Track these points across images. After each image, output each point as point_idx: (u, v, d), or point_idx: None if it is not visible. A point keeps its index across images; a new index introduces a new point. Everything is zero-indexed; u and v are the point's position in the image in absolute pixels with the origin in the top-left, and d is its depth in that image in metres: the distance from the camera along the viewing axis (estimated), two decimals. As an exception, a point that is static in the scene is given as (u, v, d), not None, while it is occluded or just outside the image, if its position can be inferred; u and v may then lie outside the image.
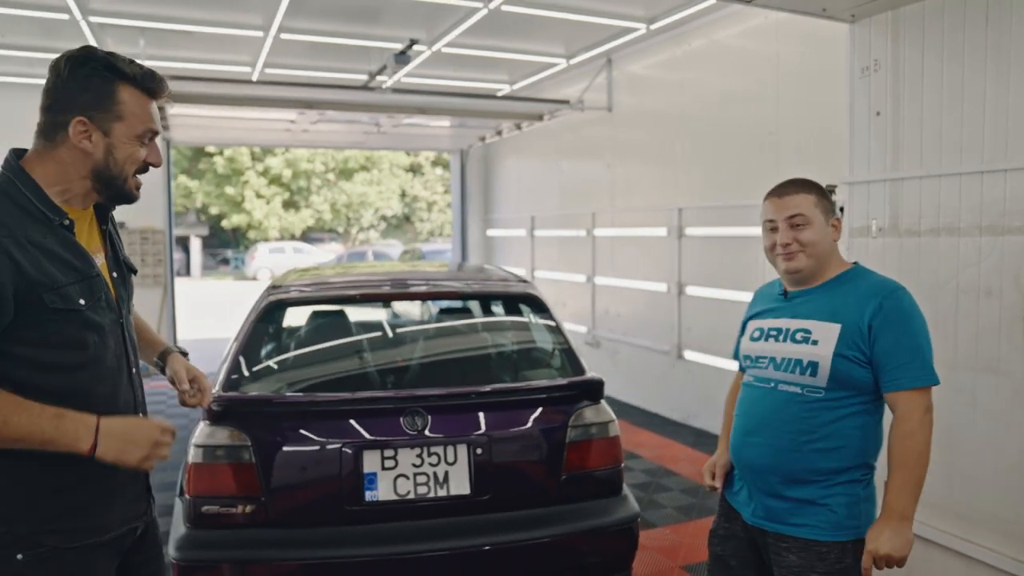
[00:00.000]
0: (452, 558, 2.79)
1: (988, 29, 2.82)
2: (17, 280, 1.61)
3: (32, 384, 1.66)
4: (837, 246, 2.18)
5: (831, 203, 2.18)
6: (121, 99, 1.74)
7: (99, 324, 1.76)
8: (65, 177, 1.75)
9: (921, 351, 2.01)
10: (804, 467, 2.06)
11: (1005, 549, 2.84)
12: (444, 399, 2.96)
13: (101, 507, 1.78)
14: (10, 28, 6.65)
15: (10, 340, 1.63)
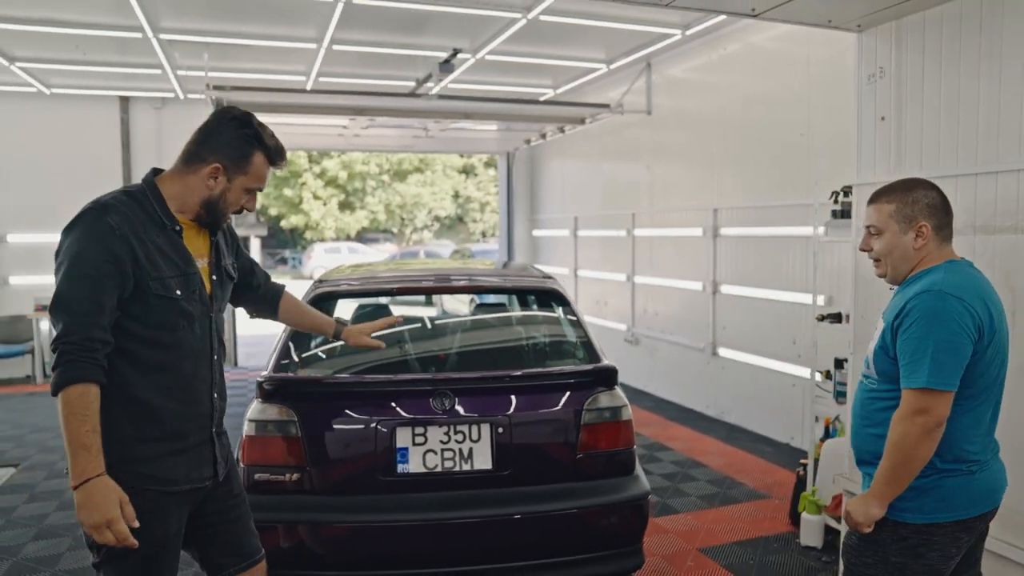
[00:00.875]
0: (474, 526, 3.08)
1: (982, 37, 2.98)
2: (133, 263, 2.06)
3: (135, 355, 2.11)
4: (927, 251, 2.22)
5: (919, 209, 2.21)
6: (253, 161, 2.24)
7: (190, 313, 2.18)
8: (184, 197, 2.23)
9: (920, 353, 2.07)
10: (863, 448, 2.28)
11: (1008, 537, 2.98)
12: (470, 382, 3.26)
13: (168, 464, 2.16)
14: (90, 47, 7.20)
15: (124, 315, 2.08)
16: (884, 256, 2.28)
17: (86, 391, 1.96)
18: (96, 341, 2.00)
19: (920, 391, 2.06)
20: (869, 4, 3.25)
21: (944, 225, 2.25)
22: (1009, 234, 2.90)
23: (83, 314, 2.00)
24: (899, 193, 2.26)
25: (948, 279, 2.14)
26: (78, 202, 2.13)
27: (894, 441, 2.10)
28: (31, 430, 6.96)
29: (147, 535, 2.04)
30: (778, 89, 6.17)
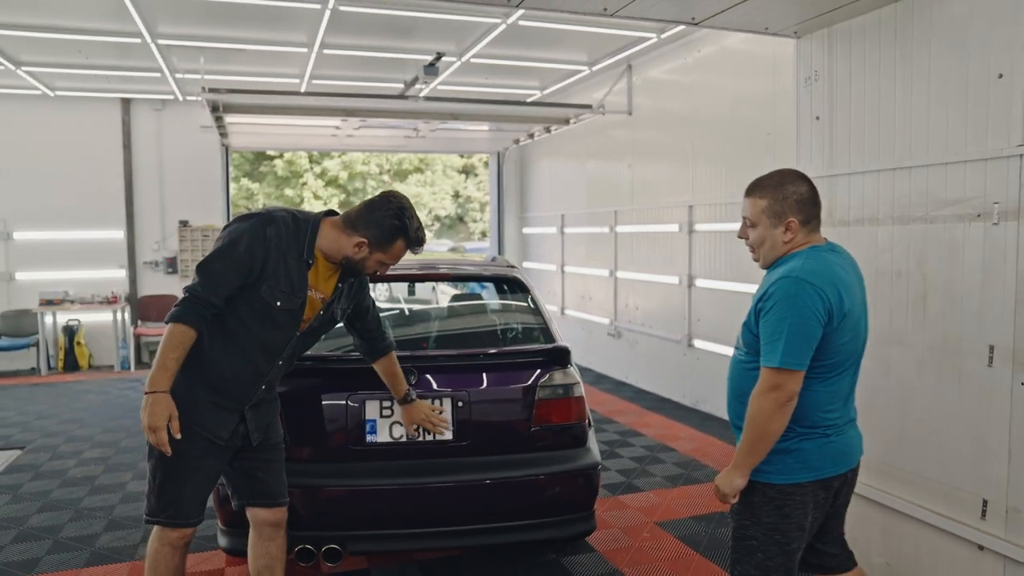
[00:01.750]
0: (435, 491, 3.37)
1: (896, 45, 3.26)
2: (262, 267, 2.63)
3: (227, 325, 2.68)
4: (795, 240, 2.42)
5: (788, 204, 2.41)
6: (395, 245, 2.79)
7: (279, 322, 2.73)
8: (330, 248, 2.79)
9: (776, 335, 2.28)
10: (736, 414, 2.52)
11: (912, 497, 3.27)
12: (433, 360, 3.56)
13: (212, 423, 2.71)
14: (92, 51, 7.52)
15: (237, 297, 2.65)
16: (757, 246, 2.52)
17: (187, 330, 2.56)
18: (210, 303, 2.60)
19: (775, 370, 2.27)
20: (800, 14, 3.54)
21: (812, 217, 2.45)
22: (920, 224, 3.18)
23: (212, 281, 2.61)
24: (771, 189, 2.46)
25: (806, 266, 2.34)
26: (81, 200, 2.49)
27: (751, 416, 2.33)
28: (36, 417, 7.28)
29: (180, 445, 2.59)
30: (747, 89, 6.45)
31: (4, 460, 5.80)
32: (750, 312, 2.43)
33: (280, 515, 2.92)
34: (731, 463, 2.41)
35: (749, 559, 2.46)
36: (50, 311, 9.73)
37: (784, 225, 2.42)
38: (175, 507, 2.69)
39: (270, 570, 2.93)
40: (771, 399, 2.28)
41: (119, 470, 5.55)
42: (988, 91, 2.87)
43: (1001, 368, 2.85)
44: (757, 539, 2.44)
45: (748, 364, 2.45)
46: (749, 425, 2.34)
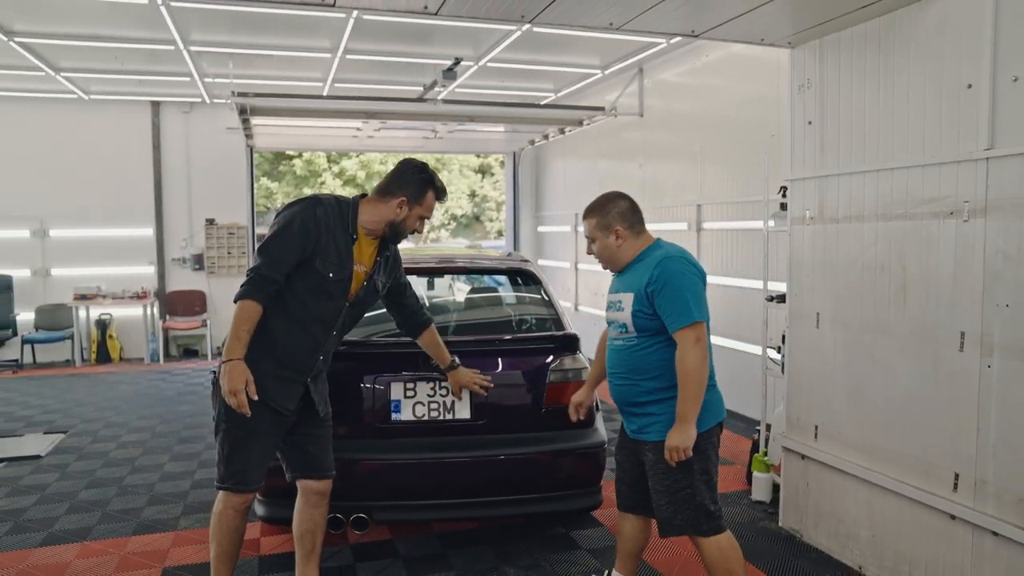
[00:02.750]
0: (454, 465, 3.69)
1: (880, 56, 3.53)
2: (315, 244, 2.96)
3: (287, 304, 3.00)
4: (627, 246, 3.02)
5: (612, 218, 3.01)
6: (427, 196, 3.16)
7: (332, 293, 3.07)
8: (374, 218, 3.13)
9: (683, 301, 2.80)
10: (636, 392, 2.97)
11: (894, 473, 3.54)
12: (451, 346, 3.85)
13: (281, 395, 3.03)
14: (127, 57, 7.90)
15: (294, 274, 2.97)
16: (600, 256, 3.11)
17: (254, 305, 2.89)
18: (272, 280, 2.92)
19: (694, 324, 2.78)
20: (793, 26, 3.82)
21: (635, 223, 3.06)
22: (901, 220, 3.45)
23: (273, 260, 2.93)
24: (597, 211, 3.06)
25: (667, 250, 2.97)
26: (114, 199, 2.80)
27: (688, 371, 2.76)
28: (74, 404, 7.69)
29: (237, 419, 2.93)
30: (753, 92, 6.70)
31: (51, 442, 6.19)
32: (637, 301, 2.91)
33: (327, 486, 3.24)
34: (678, 420, 2.80)
35: (688, 504, 2.90)
36: (84, 305, 10.17)
37: (613, 234, 3.01)
38: (241, 475, 3.02)
39: (312, 533, 3.25)
40: (699, 350, 2.79)
41: (156, 452, 5.91)
42: (959, 99, 3.13)
43: (971, 352, 3.11)
44: (691, 486, 2.89)
45: (640, 346, 2.95)
46: (688, 380, 2.77)
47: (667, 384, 2.89)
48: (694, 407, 2.79)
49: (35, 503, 4.80)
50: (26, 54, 7.49)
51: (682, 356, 2.79)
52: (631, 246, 3.03)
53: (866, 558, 3.72)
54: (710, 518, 2.92)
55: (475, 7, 3.49)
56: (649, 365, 2.93)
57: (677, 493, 2.91)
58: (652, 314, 2.88)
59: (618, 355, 3.06)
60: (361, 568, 3.83)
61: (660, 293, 2.84)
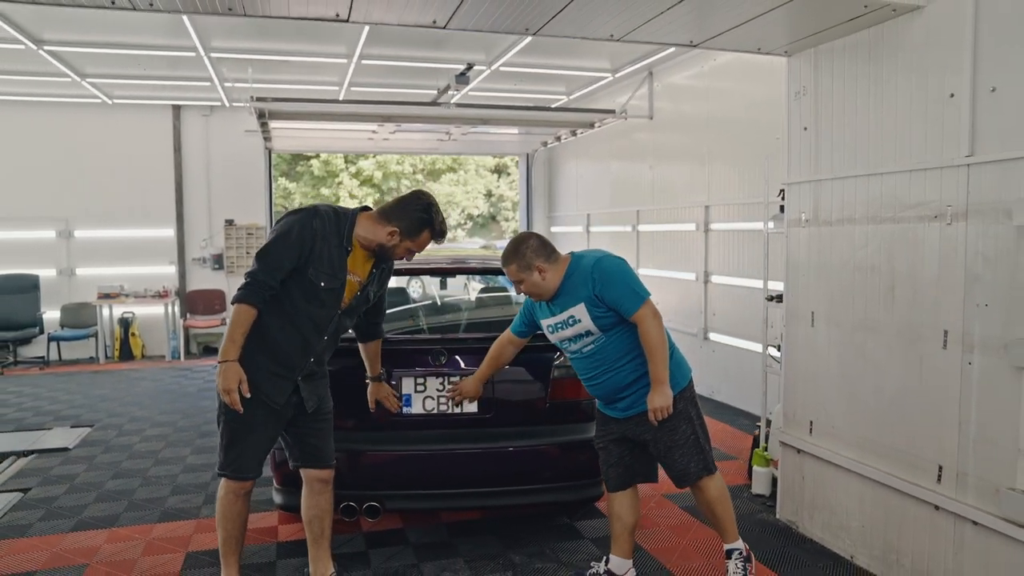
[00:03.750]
0: (462, 456, 3.88)
1: (870, 65, 3.68)
2: (310, 253, 3.11)
3: (282, 306, 3.17)
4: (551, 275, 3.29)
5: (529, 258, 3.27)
6: (422, 235, 3.27)
7: (323, 300, 3.22)
8: (368, 235, 3.27)
9: (629, 287, 3.19)
10: (621, 381, 3.33)
11: (883, 466, 3.68)
12: (459, 343, 4.07)
13: (271, 389, 3.21)
14: (150, 64, 8.16)
15: (289, 279, 3.14)
16: (530, 292, 3.38)
17: (250, 309, 3.08)
18: (268, 285, 3.10)
19: (648, 301, 3.19)
20: (789, 35, 3.97)
21: (550, 252, 3.33)
22: (890, 223, 3.59)
23: (270, 266, 3.10)
24: (513, 257, 3.32)
25: (591, 255, 3.31)
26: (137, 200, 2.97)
27: (656, 339, 3.16)
28: (99, 400, 7.96)
29: (235, 413, 3.11)
30: (759, 95, 6.83)
31: (78, 435, 6.44)
32: (592, 308, 3.23)
33: (328, 474, 3.43)
34: (654, 383, 3.19)
35: (696, 448, 3.33)
36: (107, 304, 10.46)
37: (536, 270, 3.29)
38: (238, 463, 3.23)
39: (319, 519, 3.45)
40: (658, 321, 3.21)
41: (178, 446, 6.15)
42: (942, 108, 3.27)
43: (953, 350, 3.26)
44: (695, 432, 3.34)
45: (609, 340, 3.29)
46: (656, 348, 3.16)
47: (642, 360, 3.26)
48: (665, 370, 3.19)
49: (65, 492, 5.04)
50: (54, 61, 7.77)
51: (646, 330, 3.18)
52: (554, 273, 3.31)
53: (857, 548, 3.86)
54: (711, 457, 3.40)
55: (481, 21, 3.67)
56: (622, 351, 3.30)
57: (686, 443, 3.31)
58: (607, 310, 3.23)
59: (591, 359, 3.36)
60: (373, 554, 4.03)
61: (607, 290, 3.20)
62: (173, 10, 3.43)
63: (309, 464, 3.41)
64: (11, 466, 5.65)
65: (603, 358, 3.32)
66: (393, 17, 3.60)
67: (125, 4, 3.24)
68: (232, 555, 3.34)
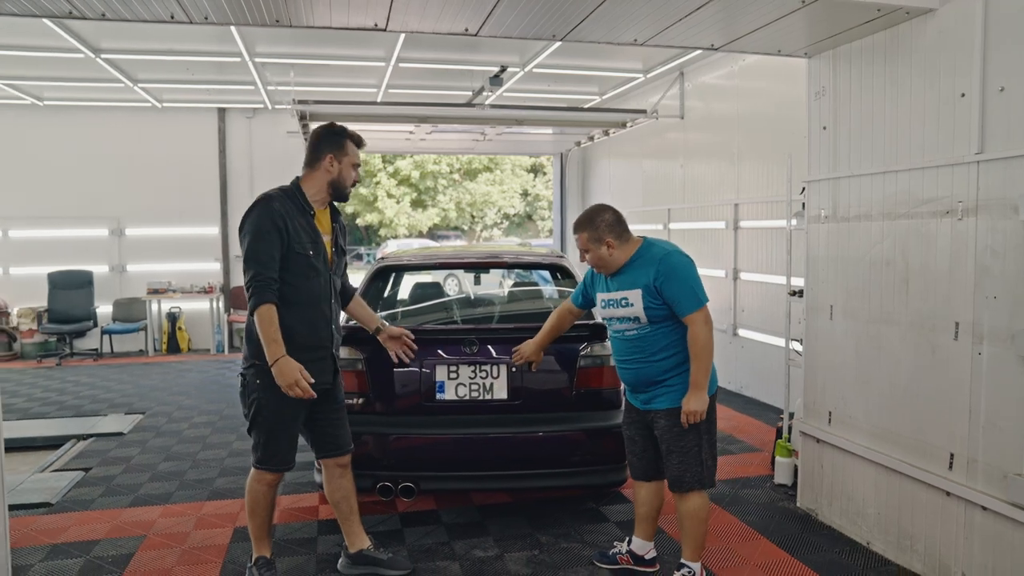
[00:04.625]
0: (492, 441, 4.09)
1: (886, 64, 3.80)
2: (285, 233, 3.25)
3: (284, 295, 3.29)
4: (619, 252, 3.40)
5: (602, 231, 3.37)
6: (348, 146, 3.44)
7: (317, 268, 3.38)
8: (316, 188, 3.43)
9: (690, 289, 3.26)
10: (653, 373, 3.40)
11: (897, 454, 3.81)
12: (490, 332, 4.28)
13: (317, 373, 3.31)
14: (197, 69, 8.54)
15: (281, 269, 3.26)
16: (597, 265, 3.50)
17: (270, 308, 3.19)
18: (271, 279, 3.22)
19: (703, 308, 3.28)
20: (808, 37, 4.10)
21: (622, 231, 3.43)
22: (904, 219, 3.71)
23: (263, 263, 3.21)
24: (587, 225, 3.43)
25: (664, 247, 3.40)
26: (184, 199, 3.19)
27: (703, 346, 3.25)
28: (149, 389, 8.36)
29: (277, 409, 3.30)
30: (788, 94, 6.91)
31: (131, 422, 6.81)
32: (648, 296, 3.32)
33: (347, 459, 3.64)
34: (693, 388, 3.27)
35: (696, 460, 3.38)
36: (156, 299, 10.91)
37: (605, 244, 3.40)
38: (280, 456, 3.41)
39: (346, 499, 3.68)
40: (709, 328, 3.28)
41: (224, 432, 6.47)
42: (954, 108, 3.40)
43: (964, 341, 3.37)
44: (699, 444, 3.37)
45: (653, 333, 3.38)
46: (702, 353, 3.25)
47: (679, 361, 3.36)
48: (706, 377, 3.28)
49: (122, 472, 5.38)
50: (109, 68, 8.18)
51: (696, 335, 3.26)
52: (621, 252, 3.42)
53: (873, 534, 3.99)
54: (711, 474, 3.43)
55: (510, 28, 3.88)
56: (661, 347, 3.38)
57: (687, 452, 3.37)
58: (662, 304, 3.32)
59: (630, 343, 3.46)
60: (408, 532, 4.26)
61: (668, 285, 3.28)
62: (225, 22, 3.70)
63: (330, 453, 3.61)
64: (72, 448, 6.04)
65: (642, 347, 3.41)
66: (428, 25, 3.83)
67: (183, 18, 3.52)
68: (265, 537, 3.57)
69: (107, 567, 3.86)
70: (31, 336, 10.60)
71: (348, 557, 3.75)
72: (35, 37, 6.95)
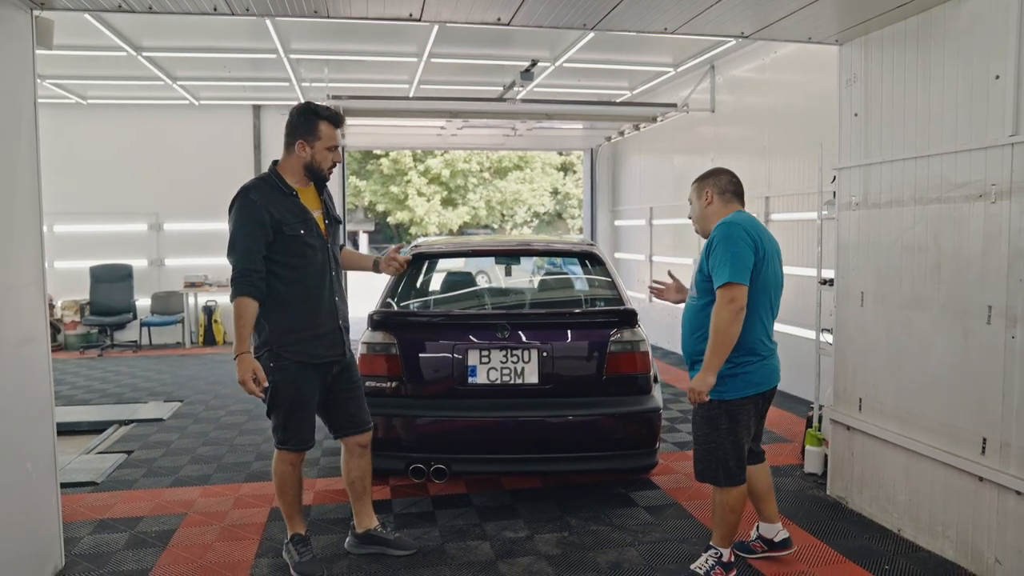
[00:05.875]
0: (523, 424, 4.16)
1: (918, 52, 3.79)
2: (271, 221, 3.26)
3: (283, 276, 3.32)
4: (714, 209, 3.37)
5: (708, 183, 3.40)
6: (319, 128, 3.36)
7: (312, 245, 3.39)
8: (293, 171, 3.44)
9: (722, 259, 3.10)
10: (694, 350, 3.34)
11: (928, 440, 3.80)
12: (522, 318, 4.35)
13: (310, 345, 3.38)
14: (233, 66, 8.73)
15: (272, 255, 3.30)
16: (693, 217, 3.49)
17: (245, 302, 3.22)
18: (251, 272, 3.23)
19: (727, 285, 3.08)
20: (839, 24, 4.10)
21: (725, 191, 3.39)
22: (936, 204, 3.71)
23: (244, 255, 3.24)
24: (700, 178, 3.47)
25: (732, 218, 3.27)
26: (220, 195, 3.24)
27: (715, 325, 3.10)
28: (188, 379, 8.57)
29: (290, 392, 3.34)
30: (819, 87, 6.87)
31: (170, 409, 7.00)
32: (700, 262, 3.27)
33: (367, 438, 3.68)
34: (702, 367, 3.18)
35: (710, 456, 3.31)
36: (192, 293, 11.15)
37: (704, 196, 3.41)
38: (299, 435, 3.48)
39: (361, 480, 3.75)
40: (729, 309, 3.08)
41: (260, 419, 6.61)
42: (988, 90, 3.38)
43: (997, 324, 3.36)
44: (716, 442, 3.29)
45: (697, 305, 3.32)
46: (714, 333, 3.12)
47: None
48: (715, 359, 3.12)
49: (162, 455, 5.55)
50: (150, 66, 8.39)
51: (715, 311, 3.13)
52: (716, 211, 3.36)
53: (904, 521, 3.98)
54: (728, 475, 3.30)
55: (542, 18, 3.94)
56: (699, 325, 3.29)
57: (705, 445, 3.33)
58: (708, 276, 3.22)
59: (686, 312, 3.44)
60: (440, 514, 4.34)
61: (711, 254, 3.19)
62: (265, 14, 3.81)
63: (350, 432, 3.64)
64: (115, 432, 6.24)
65: (689, 317, 3.38)
66: (461, 16, 3.90)
67: (225, 10, 3.64)
68: (297, 515, 3.65)
69: (151, 541, 4.00)
70: (74, 328, 10.90)
71: (355, 536, 3.83)
72: (80, 36, 7.15)
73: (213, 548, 3.91)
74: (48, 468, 3.58)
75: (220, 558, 3.79)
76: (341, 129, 3.47)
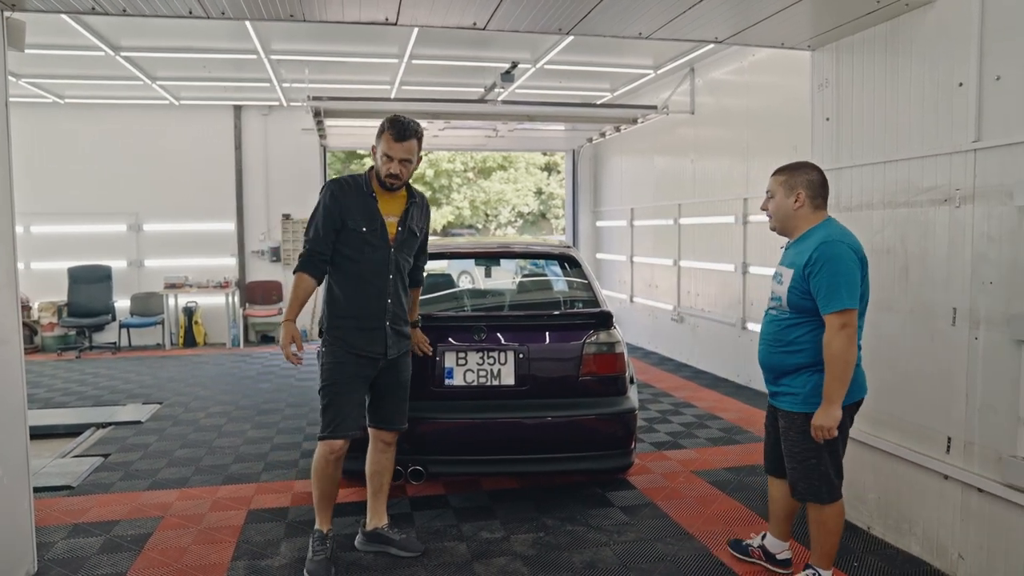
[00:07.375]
0: (500, 425, 4.18)
1: (887, 56, 3.86)
2: (341, 213, 3.54)
3: (342, 266, 3.60)
4: (803, 213, 3.19)
5: (800, 181, 3.20)
6: (383, 137, 3.56)
7: (372, 243, 3.60)
8: (375, 174, 3.64)
9: (834, 287, 2.96)
10: (779, 363, 3.25)
11: (896, 439, 3.87)
12: (498, 320, 4.37)
13: (351, 335, 3.60)
14: (214, 67, 8.69)
15: (338, 245, 3.58)
16: (774, 214, 3.32)
17: (304, 277, 3.57)
18: (316, 253, 3.57)
19: (841, 312, 2.96)
20: (811, 30, 4.17)
21: (817, 196, 3.22)
22: (904, 208, 3.77)
23: (316, 237, 3.57)
24: (789, 171, 3.30)
25: (832, 232, 3.11)
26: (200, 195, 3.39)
27: (834, 354, 2.96)
28: (167, 380, 8.52)
29: (334, 374, 3.55)
30: (797, 89, 6.95)
31: (149, 411, 6.97)
32: (795, 279, 3.13)
33: (393, 436, 3.82)
34: (825, 401, 3.02)
35: (813, 473, 3.17)
36: (172, 294, 11.09)
37: (794, 196, 3.21)
38: (335, 423, 3.57)
39: (379, 475, 3.85)
40: (844, 336, 2.97)
41: (239, 421, 6.61)
42: (952, 97, 3.45)
43: (961, 327, 3.43)
44: (817, 457, 3.14)
45: (791, 321, 3.19)
46: (834, 363, 2.97)
47: (810, 361, 3.12)
48: (839, 389, 2.99)
49: (140, 458, 5.53)
50: (128, 66, 8.35)
51: (828, 340, 2.99)
52: (806, 216, 3.20)
53: (873, 519, 4.05)
54: (831, 489, 3.17)
55: (517, 22, 3.97)
56: (796, 341, 3.16)
57: (805, 462, 3.17)
58: (806, 294, 3.08)
59: (770, 325, 3.30)
60: (417, 515, 4.37)
61: (816, 275, 3.01)
62: (241, 17, 3.81)
63: (381, 425, 3.79)
64: (92, 435, 6.20)
65: (775, 331, 3.23)
66: (437, 19, 3.93)
67: (200, 13, 3.64)
68: (326, 510, 3.73)
69: (126, 545, 3.99)
70: (51, 329, 10.82)
71: (363, 534, 3.90)
72: (57, 36, 7.11)
73: (189, 551, 3.91)
74: (20, 472, 3.57)
75: (196, 561, 3.80)
76: (407, 143, 3.54)
